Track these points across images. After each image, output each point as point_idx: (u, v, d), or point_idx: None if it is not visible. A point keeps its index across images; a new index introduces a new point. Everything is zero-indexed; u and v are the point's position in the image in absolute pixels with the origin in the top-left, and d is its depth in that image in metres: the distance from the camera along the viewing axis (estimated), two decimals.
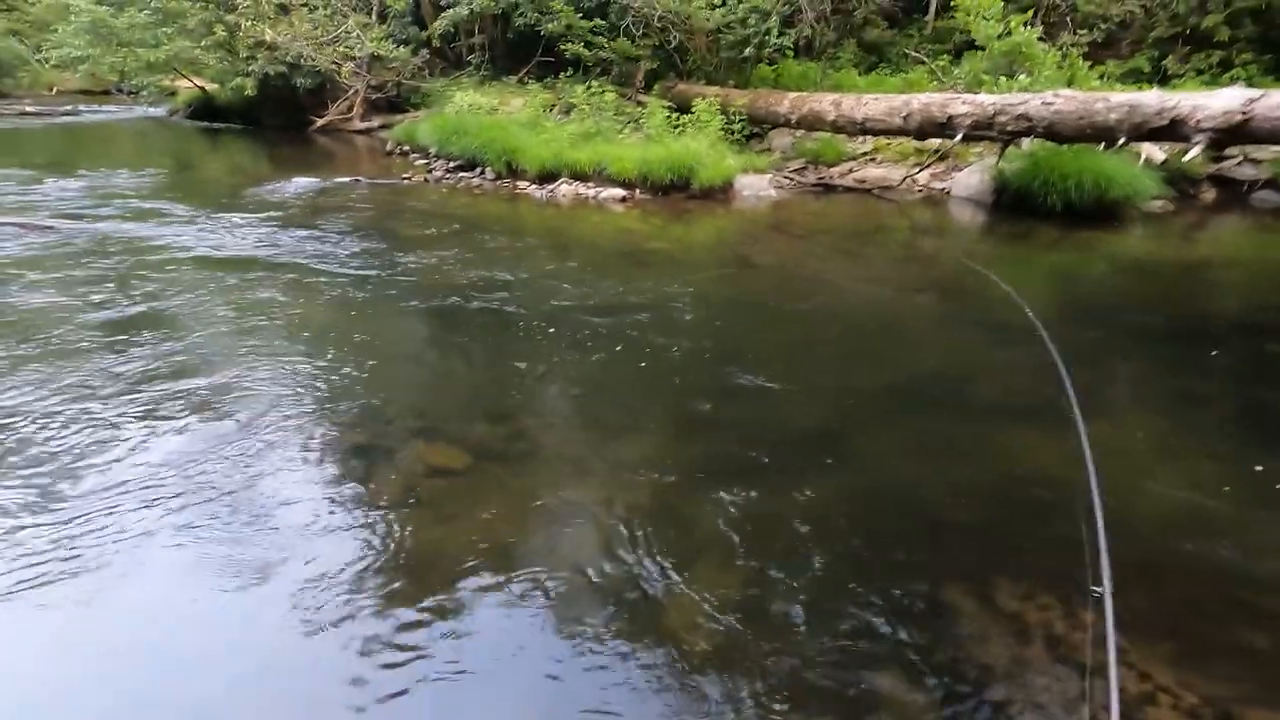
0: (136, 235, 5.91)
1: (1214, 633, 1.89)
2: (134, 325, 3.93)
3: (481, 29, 14.26)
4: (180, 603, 1.99)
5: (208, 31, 13.69)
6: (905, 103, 7.47)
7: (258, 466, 2.63)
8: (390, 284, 4.81)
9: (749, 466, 2.70)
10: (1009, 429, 2.98)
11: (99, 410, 2.98)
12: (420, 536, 2.27)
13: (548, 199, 7.86)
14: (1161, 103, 5.41)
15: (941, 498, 2.50)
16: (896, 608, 1.97)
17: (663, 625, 1.94)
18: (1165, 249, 6.41)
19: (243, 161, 11.62)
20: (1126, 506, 2.45)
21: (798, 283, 5.33)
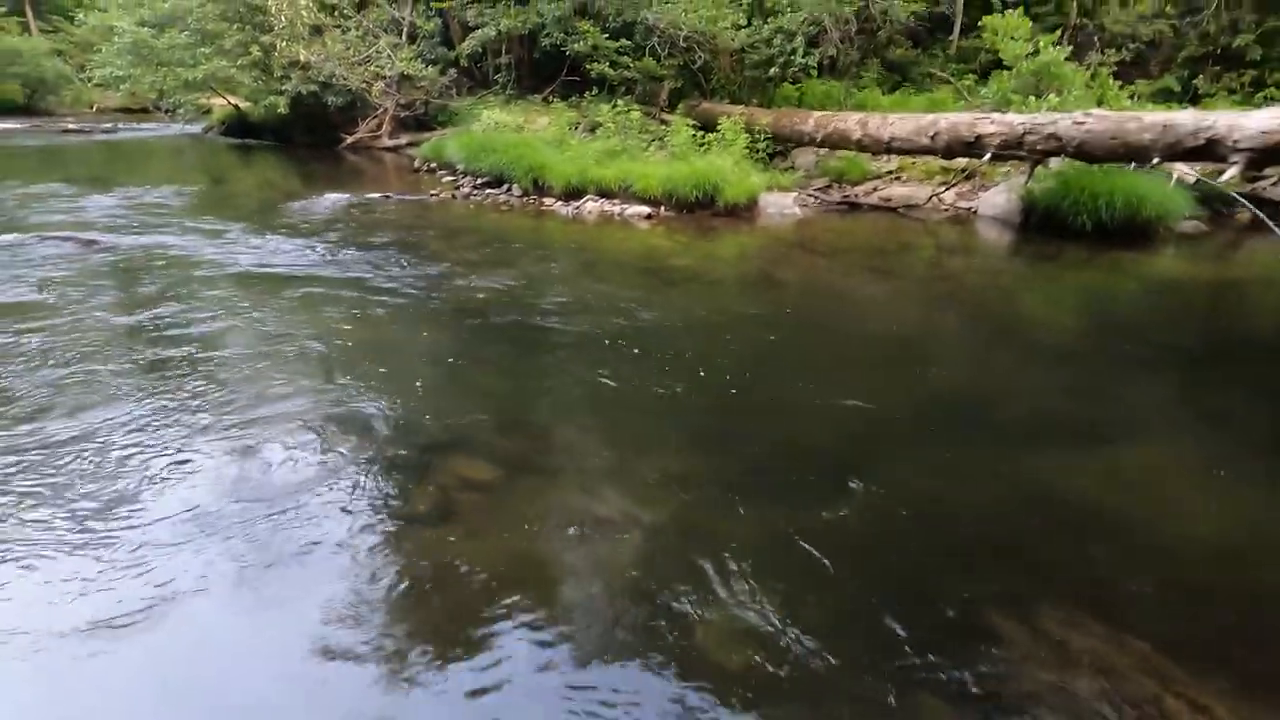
0: (176, 248, 6.07)
1: (1269, 662, 1.84)
2: (174, 338, 4.02)
3: (508, 49, 14.51)
4: (216, 614, 2.02)
5: (244, 51, 14.09)
6: (932, 122, 7.46)
7: (291, 479, 2.66)
8: (421, 298, 4.88)
9: (777, 484, 2.68)
10: (1041, 449, 2.94)
11: (136, 423, 3.04)
12: (452, 549, 2.28)
13: (573, 216, 7.94)
14: (1197, 123, 5.35)
15: (975, 519, 2.46)
16: (935, 630, 1.94)
17: (694, 643, 1.93)
18: (1199, 270, 6.31)
19: (275, 178, 11.89)
20: (1171, 531, 2.41)
21: (823, 301, 5.32)
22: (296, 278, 5.29)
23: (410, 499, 2.57)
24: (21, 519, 2.39)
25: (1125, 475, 2.78)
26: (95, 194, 8.74)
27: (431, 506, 2.55)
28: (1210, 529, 2.43)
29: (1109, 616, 1.96)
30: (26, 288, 4.86)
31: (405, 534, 2.38)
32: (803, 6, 9.81)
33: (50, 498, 2.50)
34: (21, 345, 3.83)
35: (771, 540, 2.36)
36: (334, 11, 13.93)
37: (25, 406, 3.14)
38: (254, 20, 14.27)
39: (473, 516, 2.51)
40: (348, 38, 13.61)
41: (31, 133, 18.60)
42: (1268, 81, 10.64)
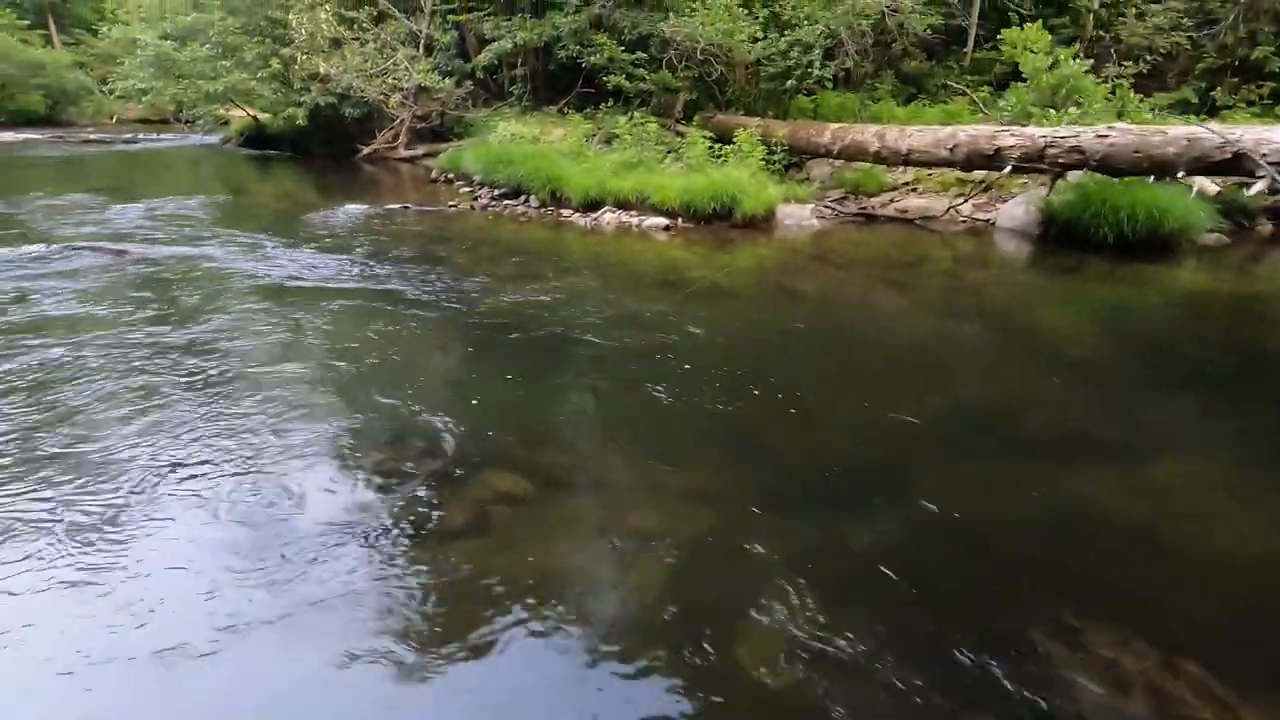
0: (201, 259, 6.14)
1: None
2: (203, 350, 4.06)
3: (524, 61, 14.64)
4: (257, 619, 2.03)
5: (264, 64, 14.30)
6: (951, 134, 7.46)
7: (328, 490, 2.68)
8: (445, 310, 4.91)
9: (808, 499, 2.68)
10: (1075, 465, 2.91)
11: (171, 436, 3.07)
12: (487, 561, 2.29)
13: (591, 227, 7.98)
14: (1224, 136, 5.33)
15: (1014, 535, 2.45)
16: (980, 650, 1.92)
17: (732, 659, 1.92)
18: (1222, 283, 6.26)
19: (294, 188, 12.02)
20: (1214, 548, 2.38)
21: (844, 313, 5.31)
22: (320, 289, 5.34)
23: (446, 511, 2.58)
24: (66, 538, 2.41)
25: (1162, 491, 2.75)
26: (119, 204, 8.86)
27: (467, 518, 2.56)
28: (1253, 546, 2.41)
29: (1158, 636, 1.94)
30: (58, 299, 4.93)
31: (441, 545, 2.39)
32: (820, 20, 9.85)
33: (82, 508, 2.53)
34: (58, 358, 3.88)
35: (806, 555, 2.35)
36: (353, 25, 14.11)
37: (74, 422, 3.18)
38: (274, 34, 14.49)
39: (508, 529, 2.52)
40: (366, 50, 13.79)
41: (53, 143, 18.91)
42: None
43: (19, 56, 23.54)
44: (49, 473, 2.74)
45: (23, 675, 1.87)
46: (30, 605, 2.08)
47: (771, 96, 11.10)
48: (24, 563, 2.25)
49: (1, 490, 2.63)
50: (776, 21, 10.62)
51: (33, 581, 2.17)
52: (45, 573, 2.21)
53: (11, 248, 6.34)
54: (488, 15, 14.15)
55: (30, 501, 2.56)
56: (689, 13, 10.56)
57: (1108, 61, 10.84)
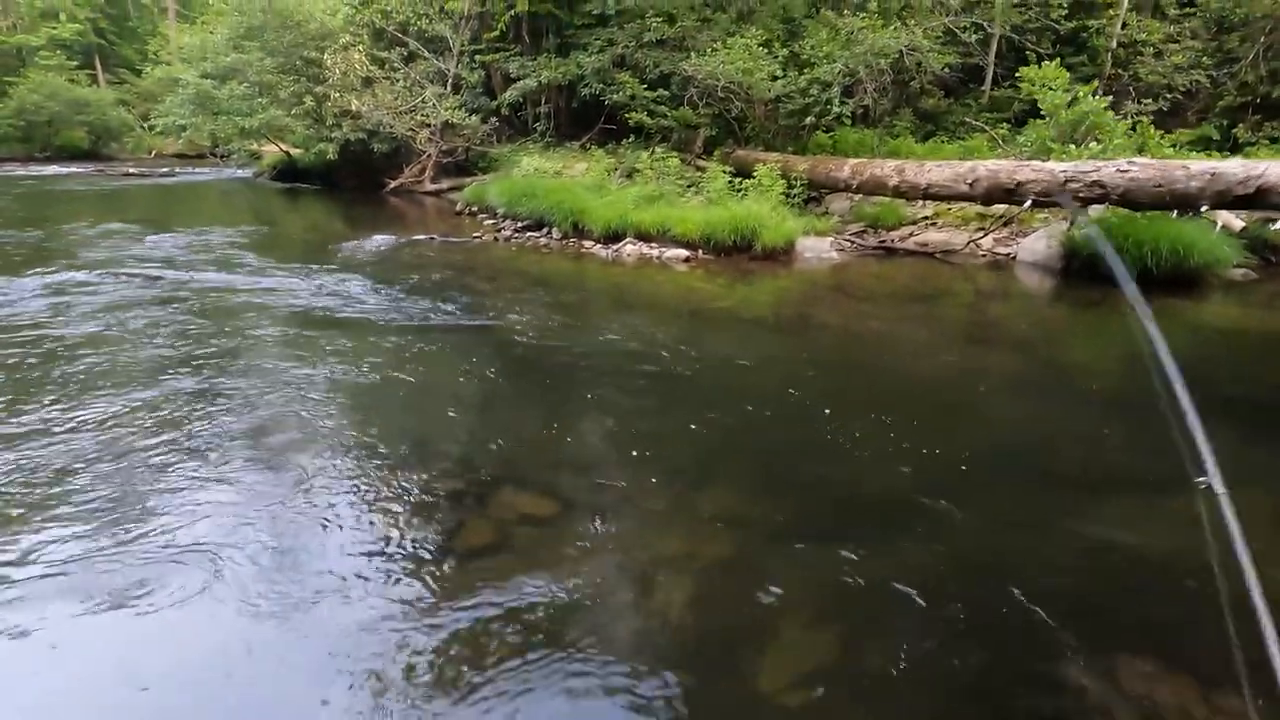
0: (239, 287, 6.31)
1: None
2: (244, 373, 4.16)
3: (548, 99, 15.04)
4: (283, 640, 2.05)
5: (298, 101, 14.84)
6: (971, 169, 7.52)
7: (357, 510, 2.72)
8: (471, 337, 5.00)
9: (833, 529, 2.66)
10: (1103, 499, 2.87)
11: (194, 454, 3.14)
12: (510, 582, 2.29)
13: (613, 258, 8.09)
14: (1247, 171, 5.32)
15: (1041, 568, 2.41)
16: (1012, 684, 1.89)
17: (754, 683, 1.90)
18: (1251, 318, 6.18)
19: (323, 220, 12.36)
20: (1239, 591, 2.33)
21: (866, 344, 5.31)
22: (349, 316, 5.46)
23: (469, 531, 2.60)
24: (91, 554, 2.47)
25: (1192, 526, 2.69)
26: (157, 234, 9.16)
27: (490, 539, 2.58)
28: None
29: (1193, 669, 1.89)
30: (96, 321, 5.09)
31: (465, 565, 2.40)
32: (838, 59, 10.05)
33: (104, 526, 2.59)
34: (89, 375, 4.00)
35: (831, 583, 2.33)
36: (384, 64, 14.63)
37: (101, 440, 3.27)
38: (309, 73, 15.05)
39: (529, 549, 2.53)
40: (396, 88, 14.26)
41: (95, 176, 19.63)
42: None
43: (66, 95, 24.63)
44: (66, 507, 2.81)
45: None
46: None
47: (790, 133, 11.28)
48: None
49: (43, 510, 2.70)
50: (796, 60, 10.85)
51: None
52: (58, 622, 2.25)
53: (54, 273, 6.56)
54: (513, 55, 14.60)
55: (45, 543, 2.62)
56: (710, 52, 10.82)
57: (1127, 99, 10.91)
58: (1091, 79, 10.86)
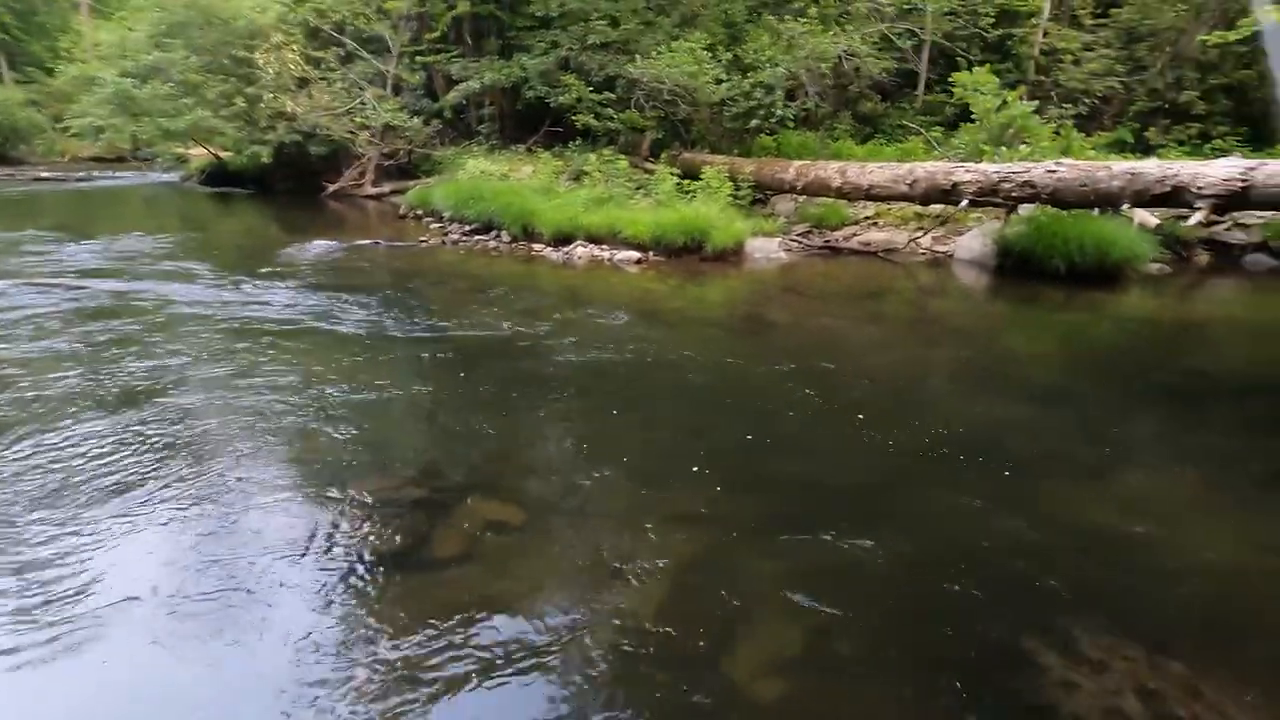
0: (165, 295, 6.01)
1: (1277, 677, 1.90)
2: (170, 384, 3.96)
3: (491, 101, 14.84)
4: (243, 653, 1.97)
5: (227, 102, 14.21)
6: (910, 170, 7.80)
7: (315, 524, 2.63)
8: (422, 343, 4.89)
9: (797, 522, 2.71)
10: (1051, 483, 3.02)
11: (141, 466, 2.98)
12: (479, 589, 2.26)
13: (564, 261, 8.05)
14: (1163, 171, 5.69)
15: (999, 550, 2.51)
16: (974, 659, 1.97)
17: (726, 676, 1.93)
18: (1168, 310, 6.60)
19: (259, 225, 11.88)
20: (1188, 556, 2.49)
21: (818, 341, 5.44)
22: (294, 324, 5.27)
23: (437, 541, 2.55)
24: None
25: (1131, 506, 2.86)
26: (76, 241, 8.63)
27: (457, 547, 2.53)
28: (1223, 549, 2.52)
29: (1144, 638, 2.01)
30: (10, 342, 4.76)
31: (431, 574, 2.36)
32: (781, 63, 10.26)
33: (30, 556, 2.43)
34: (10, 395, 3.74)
35: (795, 575, 2.38)
36: (320, 65, 14.16)
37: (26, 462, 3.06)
38: (239, 72, 14.44)
39: (498, 556, 2.50)
40: (334, 89, 13.82)
41: (2, 181, 18.36)
42: (1213, 134, 11.34)
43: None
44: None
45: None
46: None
47: (735, 135, 11.45)
48: None
49: None
50: (739, 64, 11.03)
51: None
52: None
53: None
54: (455, 57, 14.36)
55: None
56: (655, 55, 10.89)
57: (1050, 104, 11.49)
58: (1018, 84, 11.40)
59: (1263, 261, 8.10)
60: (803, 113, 11.22)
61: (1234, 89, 11.79)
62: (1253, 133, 11.53)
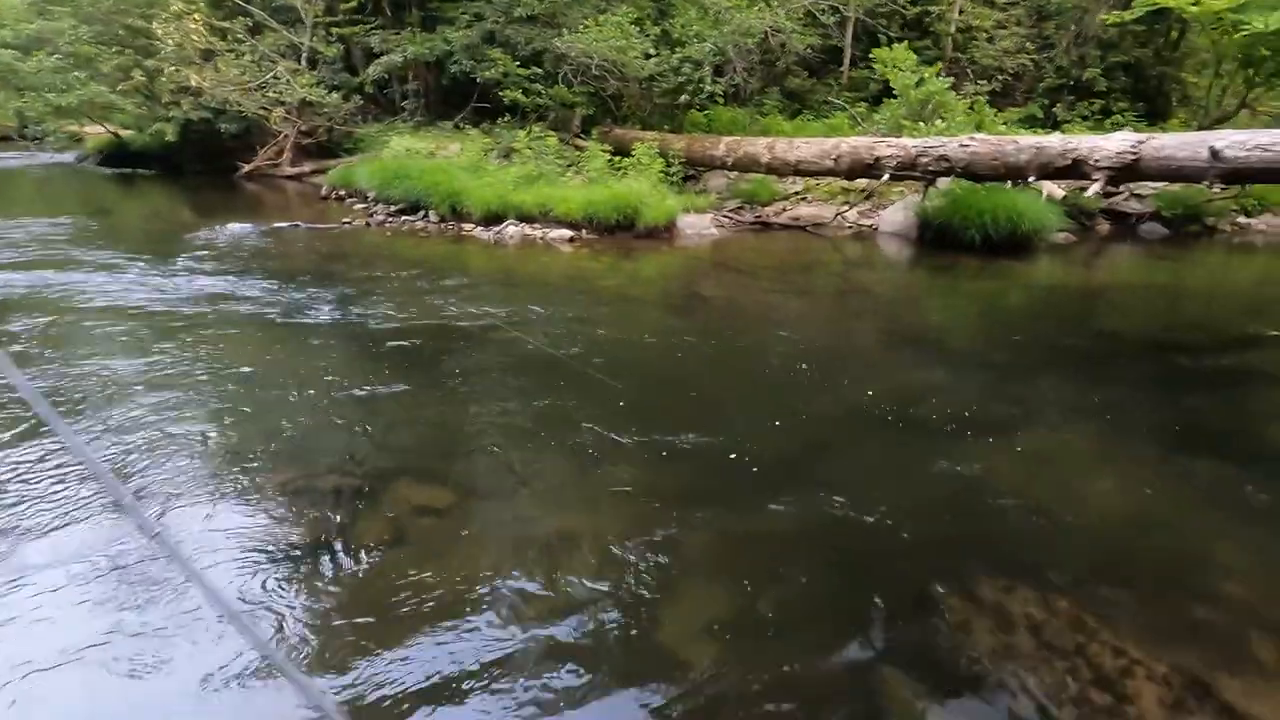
0: (64, 284, 5.61)
1: (1171, 611, 2.10)
2: (79, 377, 3.73)
3: (415, 75, 14.31)
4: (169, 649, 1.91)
5: (124, 76, 13.23)
6: (835, 146, 7.98)
7: (231, 512, 2.55)
8: (345, 328, 4.74)
9: (723, 490, 2.79)
10: (961, 443, 3.19)
11: (56, 470, 2.81)
12: (408, 573, 2.24)
13: (495, 240, 7.92)
14: (1064, 145, 6.01)
15: (909, 508, 2.65)
16: (886, 608, 2.09)
17: (656, 640, 1.99)
18: (1073, 276, 7.03)
19: (167, 208, 11.19)
20: (1080, 506, 2.69)
21: (746, 315, 5.55)
22: (211, 313, 5.01)
23: (363, 526, 2.51)
24: None
25: (1035, 461, 3.07)
26: None
27: (384, 532, 2.50)
28: (1112, 503, 2.73)
29: (1038, 581, 2.18)
30: None
31: (357, 560, 2.32)
32: (708, 38, 10.27)
33: None
34: None
35: (724, 542, 2.46)
36: (226, 36, 13.32)
37: None
38: (136, 44, 13.44)
39: (428, 540, 2.48)
40: (242, 62, 13.04)
41: None
42: (1113, 109, 12.03)
43: None
44: None
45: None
46: None
47: (666, 111, 11.43)
48: None
49: None
50: (667, 39, 10.97)
51: None
52: None
53: None
54: (375, 29, 13.76)
55: None
56: (583, 29, 10.72)
57: (966, 80, 11.92)
58: (935, 61, 11.77)
59: (1156, 229, 8.70)
60: (731, 88, 11.28)
61: (1132, 66, 12.51)
62: (1148, 108, 12.28)
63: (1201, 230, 8.74)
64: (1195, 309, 5.89)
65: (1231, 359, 4.67)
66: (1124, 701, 1.73)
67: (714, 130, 11.36)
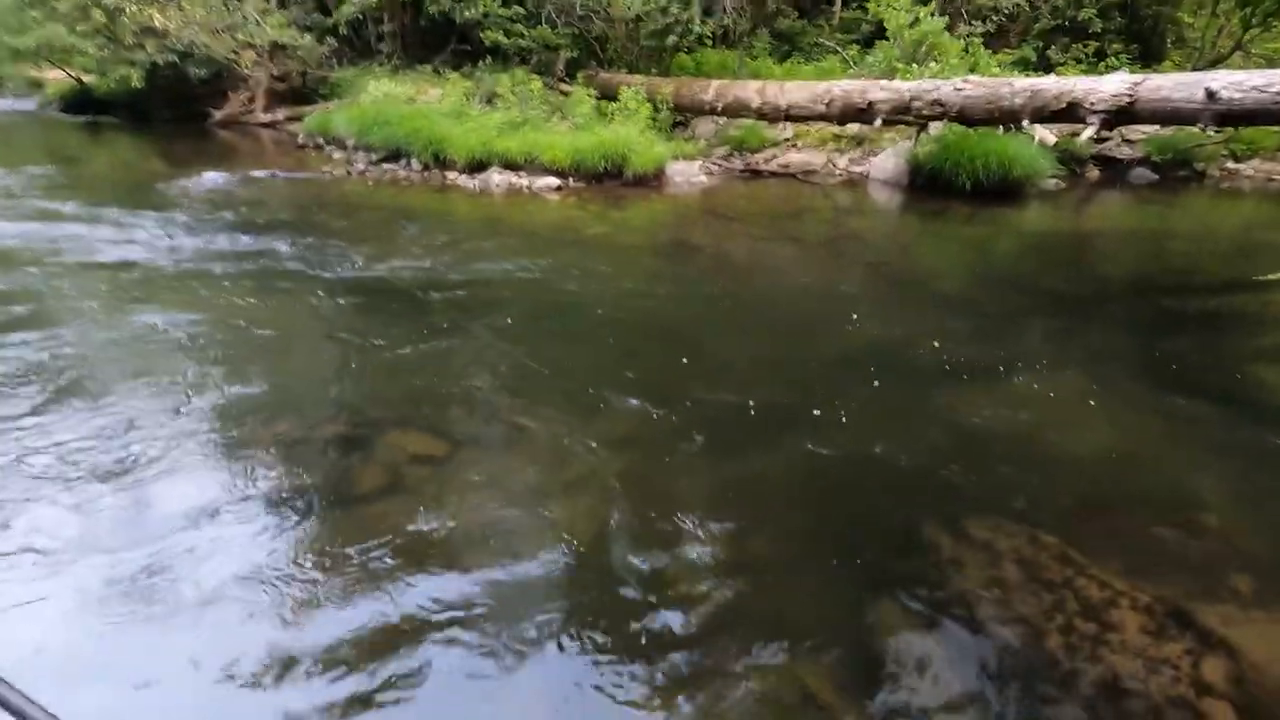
0: (34, 237, 5.43)
1: (1154, 545, 2.16)
2: (68, 338, 3.65)
3: (391, 16, 13.73)
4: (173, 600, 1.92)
5: (82, 16, 12.57)
6: (827, 89, 7.80)
7: (228, 466, 2.53)
8: (332, 280, 4.65)
9: (717, 438, 2.80)
10: (951, 387, 3.23)
11: (52, 425, 2.77)
12: (404, 521, 2.25)
13: (480, 189, 7.74)
14: (1060, 87, 5.91)
15: (901, 451, 2.69)
16: (880, 548, 2.14)
17: (659, 585, 2.02)
18: (1063, 222, 7.02)
19: (136, 157, 10.80)
20: (1067, 447, 2.74)
21: (737, 263, 5.51)
22: (189, 267, 4.89)
23: (359, 476, 2.51)
24: None
25: (1024, 404, 3.11)
26: None
27: (380, 481, 2.50)
28: (1098, 442, 2.79)
29: (1025, 519, 2.23)
30: None
31: (354, 509, 2.33)
32: None
33: None
34: None
35: (721, 486, 2.49)
36: None
37: None
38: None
39: (424, 489, 2.48)
40: (208, 2, 12.43)
41: None
42: (1108, 51, 11.81)
43: None
44: None
45: None
46: None
47: (653, 54, 11.09)
48: None
49: None
50: None
51: None
52: None
53: None
54: None
55: None
56: None
57: (960, 21, 11.61)
58: (929, 1, 11.44)
59: (1145, 175, 8.67)
60: (720, 30, 10.94)
61: (1127, 7, 12.24)
62: (1142, 50, 12.08)
63: (1191, 175, 8.71)
64: (1182, 253, 5.91)
65: (1217, 302, 4.73)
66: (1108, 630, 1.79)
67: (702, 74, 11.04)
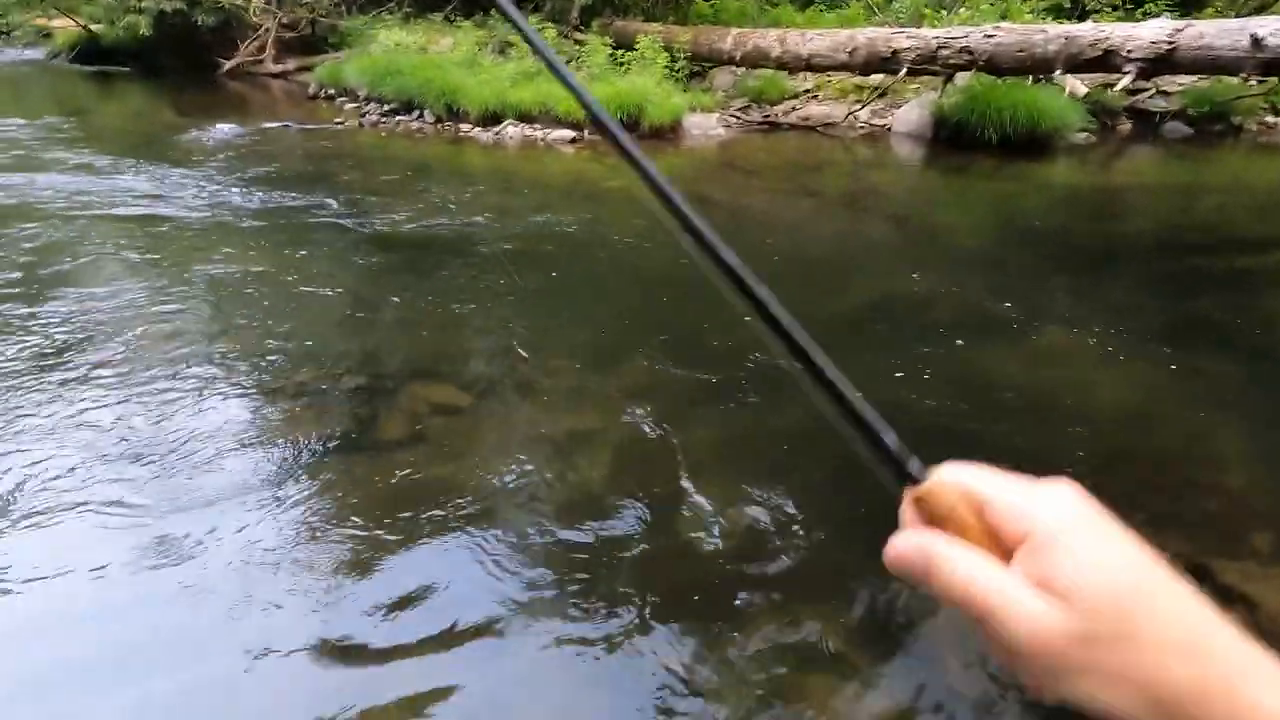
0: (60, 190, 5.43)
1: (1173, 500, 2.16)
2: (98, 287, 3.69)
3: None
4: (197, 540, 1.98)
5: None
6: (850, 38, 7.55)
7: (258, 413, 2.58)
8: (351, 232, 4.65)
9: (734, 391, 2.81)
10: (972, 341, 3.19)
11: (81, 374, 2.83)
12: (425, 470, 2.29)
13: (494, 141, 7.64)
14: (1096, 34, 5.68)
15: (921, 404, 2.68)
16: (887, 504, 2.15)
17: (672, 534, 2.05)
18: (1092, 177, 6.83)
19: (148, 108, 10.73)
20: (1087, 402, 2.72)
21: (755, 218, 5.43)
22: (211, 218, 4.89)
23: (383, 425, 2.55)
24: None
25: (1045, 358, 3.09)
26: None
27: (404, 431, 2.54)
28: (1119, 399, 2.77)
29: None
30: None
31: (380, 457, 2.37)
32: None
33: None
34: None
35: (736, 439, 2.51)
36: None
37: None
38: None
39: (445, 439, 2.52)
40: None
41: None
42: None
43: None
44: None
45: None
46: None
47: (670, 1, 10.75)
48: None
49: None
50: None
51: None
52: None
53: None
54: None
55: None
56: None
57: None
58: None
59: (1180, 129, 8.36)
60: None
61: None
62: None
63: (1227, 129, 8.39)
64: (1214, 209, 5.75)
65: (1246, 260, 4.61)
66: None
67: (721, 22, 10.71)
